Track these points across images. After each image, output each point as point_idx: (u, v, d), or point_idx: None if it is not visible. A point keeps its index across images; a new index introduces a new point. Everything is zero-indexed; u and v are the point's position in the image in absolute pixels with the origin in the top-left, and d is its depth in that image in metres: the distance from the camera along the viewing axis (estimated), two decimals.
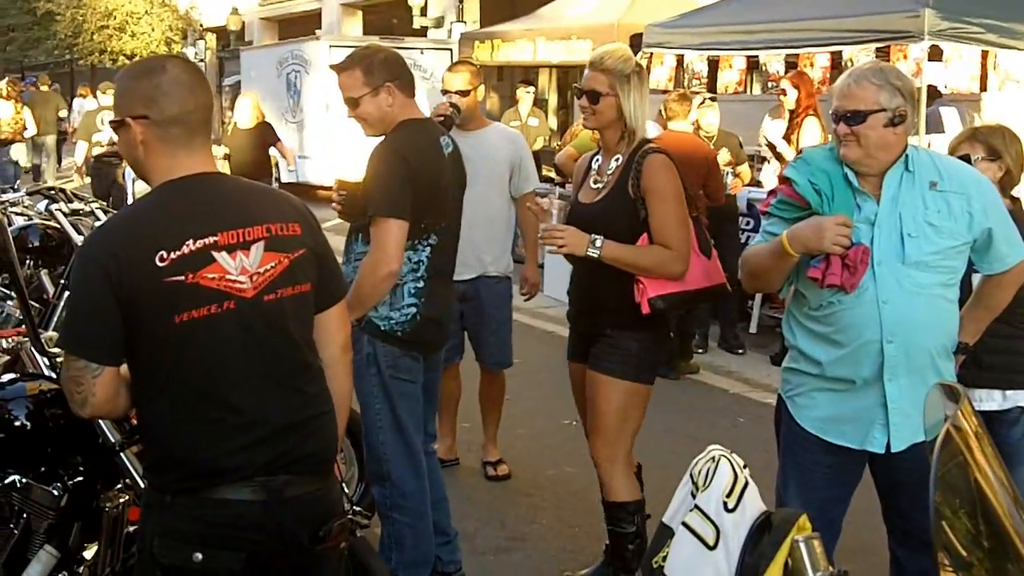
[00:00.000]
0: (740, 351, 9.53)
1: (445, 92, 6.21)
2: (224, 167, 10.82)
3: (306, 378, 2.97)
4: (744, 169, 10.05)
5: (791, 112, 9.84)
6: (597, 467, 4.76)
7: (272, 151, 12.38)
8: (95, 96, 19.60)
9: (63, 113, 23.39)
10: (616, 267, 4.48)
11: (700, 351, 9.45)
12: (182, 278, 2.74)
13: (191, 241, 2.76)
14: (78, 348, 2.81)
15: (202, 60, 29.70)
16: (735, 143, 10.03)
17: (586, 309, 4.80)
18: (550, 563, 5.45)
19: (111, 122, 2.97)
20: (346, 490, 3.21)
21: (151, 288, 2.72)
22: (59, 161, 27.13)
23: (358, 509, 3.21)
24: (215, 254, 2.78)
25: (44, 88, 23.98)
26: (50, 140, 21.02)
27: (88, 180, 14.13)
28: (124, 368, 2.87)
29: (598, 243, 4.46)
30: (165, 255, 2.73)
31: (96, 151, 13.85)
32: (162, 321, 2.75)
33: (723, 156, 9.50)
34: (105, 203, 13.42)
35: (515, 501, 6.29)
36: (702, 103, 9.91)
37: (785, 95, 9.84)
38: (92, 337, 2.79)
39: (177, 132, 2.85)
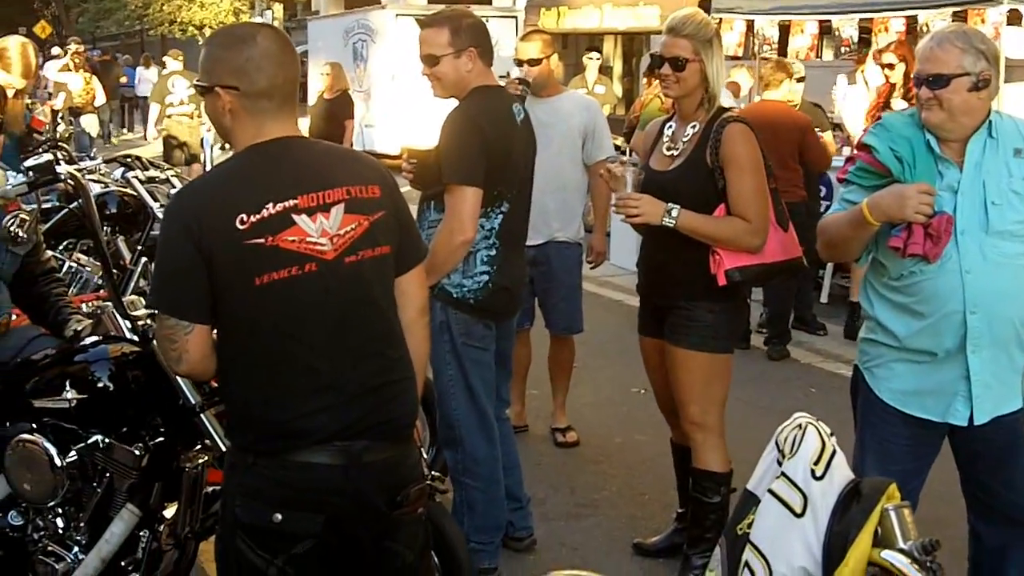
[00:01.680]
0: (822, 332, 9.21)
1: (518, 62, 6.20)
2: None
3: (387, 342, 2.98)
4: (828, 137, 9.51)
5: (891, 87, 9.40)
6: (689, 435, 4.74)
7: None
8: (158, 66, 20.09)
9: (123, 80, 23.74)
10: (691, 237, 4.45)
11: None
12: (262, 240, 2.76)
13: (271, 204, 2.78)
14: (167, 307, 2.86)
15: None
16: (820, 114, 9.65)
17: (658, 281, 4.75)
18: (620, 530, 5.45)
19: (197, 86, 2.99)
20: (424, 456, 3.22)
21: (232, 251, 2.76)
22: (122, 126, 27.52)
23: (436, 475, 3.23)
24: (295, 217, 2.80)
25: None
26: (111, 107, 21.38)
27: (160, 139, 15.23)
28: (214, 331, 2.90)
29: (674, 212, 4.41)
30: (245, 218, 2.76)
31: (169, 111, 14.84)
32: (243, 283, 2.78)
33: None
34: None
35: (584, 468, 6.29)
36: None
37: (892, 69, 9.37)
38: (180, 296, 2.83)
39: (265, 104, 2.88)
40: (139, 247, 6.95)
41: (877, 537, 2.07)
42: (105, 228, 7.07)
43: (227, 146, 3.03)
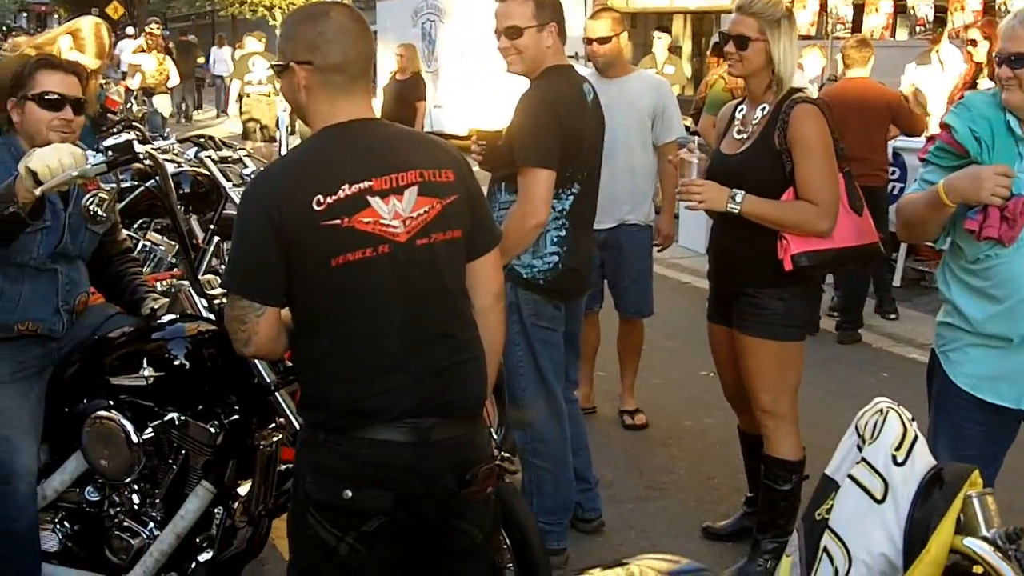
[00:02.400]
0: (893, 316, 9.09)
1: (587, 40, 6.17)
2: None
3: (456, 323, 3.00)
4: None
5: (977, 66, 9.21)
6: (760, 422, 4.71)
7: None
8: (231, 46, 20.48)
9: (200, 61, 23.99)
10: (757, 223, 4.40)
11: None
12: (338, 222, 2.79)
13: (347, 186, 2.81)
14: (241, 288, 2.89)
15: None
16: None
17: (725, 267, 4.71)
18: (689, 513, 5.44)
19: (274, 66, 3.01)
20: (494, 436, 3.23)
21: (308, 232, 2.78)
22: (199, 106, 27.84)
23: (506, 455, 3.23)
24: (369, 198, 2.83)
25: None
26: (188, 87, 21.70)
27: (240, 115, 15.86)
28: (285, 309, 2.93)
29: (738, 198, 4.37)
30: (322, 199, 2.78)
31: (248, 89, 15.39)
32: (318, 264, 2.80)
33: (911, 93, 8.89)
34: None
35: (653, 451, 6.29)
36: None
37: (975, 46, 9.20)
38: (254, 278, 2.86)
39: (339, 79, 2.90)
40: (211, 226, 7.01)
41: (959, 524, 2.04)
42: (179, 207, 7.13)
43: (298, 128, 3.06)
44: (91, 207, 3.80)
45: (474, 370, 3.03)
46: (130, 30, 30.29)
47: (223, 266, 6.68)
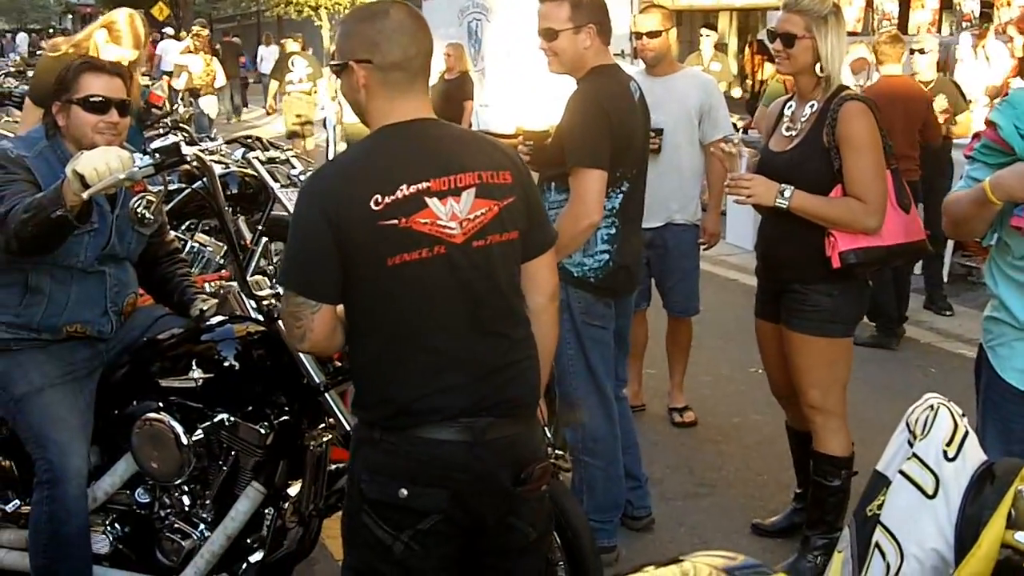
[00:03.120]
0: (948, 313, 9.00)
1: (637, 35, 6.14)
2: None
3: (511, 323, 2.99)
4: (964, 118, 9.06)
5: (1021, 61, 9.11)
6: (809, 418, 4.68)
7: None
8: (278, 44, 20.94)
9: (242, 61, 24.33)
10: (806, 219, 4.37)
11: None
12: (395, 222, 2.79)
13: (405, 186, 2.81)
14: (297, 285, 2.89)
15: None
16: (953, 89, 9.20)
17: (773, 263, 4.69)
18: (739, 510, 5.41)
19: (333, 65, 3.02)
20: (548, 434, 3.22)
21: (366, 231, 2.79)
22: (244, 105, 28.07)
23: (560, 453, 3.22)
24: (427, 199, 2.83)
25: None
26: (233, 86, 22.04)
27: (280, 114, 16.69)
28: (340, 307, 2.94)
29: (787, 193, 4.35)
30: (380, 199, 2.78)
31: (288, 88, 16.21)
32: (375, 263, 2.81)
33: (939, 103, 8.67)
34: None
35: (702, 448, 6.26)
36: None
37: (1012, 43, 9.11)
38: (310, 275, 2.87)
39: (398, 77, 2.90)
40: (259, 227, 7.05)
41: (1011, 519, 2.01)
42: (227, 209, 7.18)
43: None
44: (138, 209, 3.82)
45: (528, 369, 3.03)
46: (169, 30, 30.51)
47: (270, 267, 6.72)
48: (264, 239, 6.96)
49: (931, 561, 2.12)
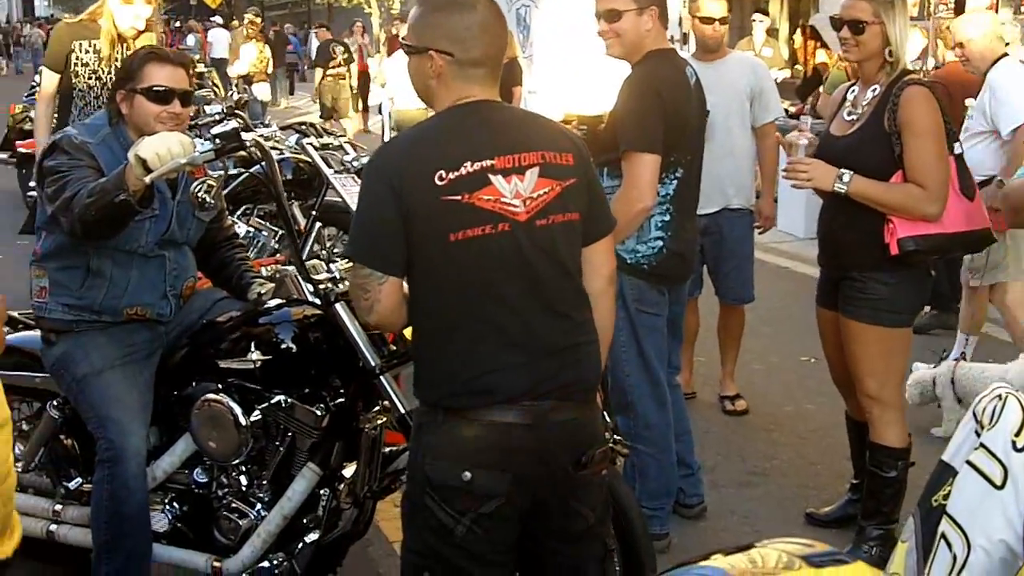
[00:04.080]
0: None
1: (704, 19, 6.10)
2: None
3: (573, 304, 3.00)
4: None
5: None
6: (865, 408, 4.65)
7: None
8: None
9: (288, 48, 24.74)
10: (865, 205, 4.33)
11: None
12: (459, 198, 2.81)
13: (469, 163, 2.83)
14: (364, 257, 2.92)
15: None
16: None
17: (831, 250, 4.66)
18: (792, 499, 5.39)
19: (407, 46, 3.02)
20: (607, 419, 3.23)
21: (429, 206, 2.81)
22: (291, 93, 28.32)
23: (618, 438, 3.23)
24: (491, 177, 2.84)
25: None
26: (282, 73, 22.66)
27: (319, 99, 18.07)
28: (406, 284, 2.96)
29: (845, 177, 4.32)
30: (444, 174, 2.81)
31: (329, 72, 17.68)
32: (438, 239, 2.83)
33: None
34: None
35: (754, 436, 6.24)
36: None
37: None
38: (376, 247, 2.90)
39: (474, 72, 2.93)
40: (313, 212, 7.08)
41: None
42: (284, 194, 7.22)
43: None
44: (199, 194, 3.86)
45: (590, 352, 3.03)
46: (216, 18, 30.70)
47: (323, 251, 6.75)
48: (317, 224, 6.99)
49: (999, 552, 2.10)
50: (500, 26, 2.98)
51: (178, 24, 38.85)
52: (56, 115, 6.68)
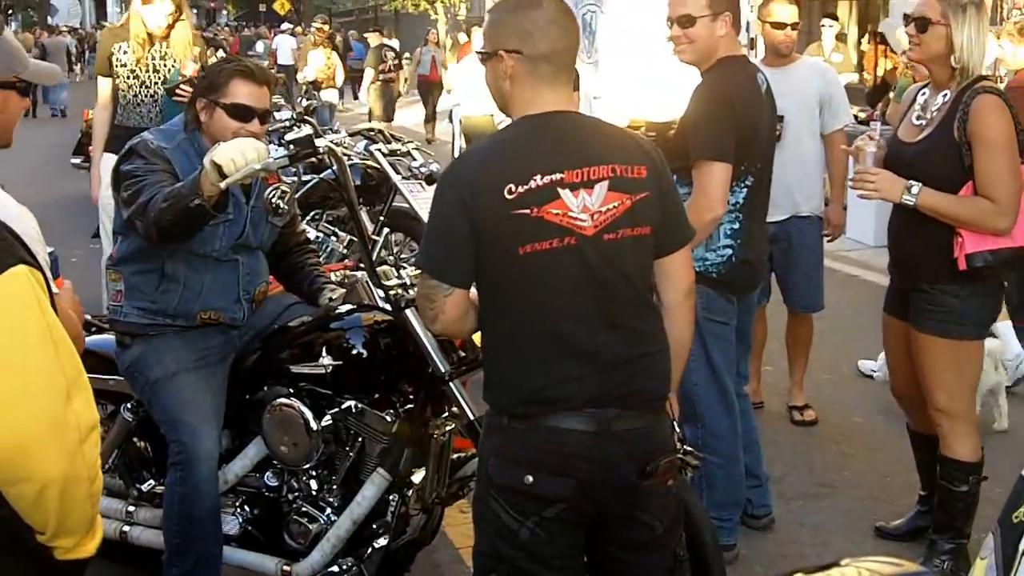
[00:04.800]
0: None
1: (775, 24, 6.06)
2: None
3: (640, 315, 3.00)
4: None
5: None
6: (935, 421, 4.58)
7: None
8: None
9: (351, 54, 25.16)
10: (933, 217, 4.27)
11: None
12: (527, 211, 2.82)
13: (538, 176, 2.83)
14: (432, 268, 2.94)
15: None
16: None
17: (900, 261, 4.59)
18: (862, 511, 5.33)
19: (480, 52, 3.04)
20: (677, 429, 3.21)
21: (498, 219, 2.82)
22: (355, 97, 28.68)
23: (689, 449, 3.21)
24: (560, 190, 2.85)
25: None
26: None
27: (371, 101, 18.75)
28: (474, 291, 2.98)
29: (914, 189, 4.25)
30: (513, 188, 2.82)
31: (381, 76, 18.32)
32: (506, 251, 2.84)
33: None
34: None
35: (823, 447, 6.18)
36: None
37: None
38: (445, 259, 2.92)
39: (545, 69, 2.93)
40: (381, 218, 7.14)
41: None
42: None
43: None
44: (273, 200, 3.89)
45: (658, 363, 3.03)
46: (285, 25, 31.01)
47: (391, 257, 6.79)
48: (386, 230, 7.04)
49: None
50: (568, 21, 2.97)
51: (247, 31, 39.27)
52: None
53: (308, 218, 7.24)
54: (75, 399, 1.98)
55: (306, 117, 8.81)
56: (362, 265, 4.64)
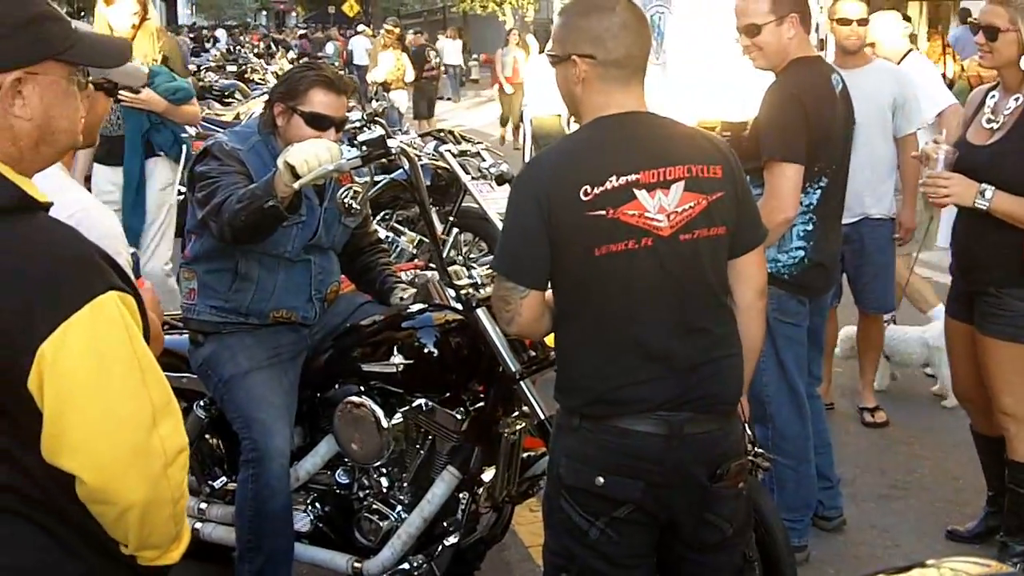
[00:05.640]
0: None
1: (842, 21, 6.01)
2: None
3: (715, 318, 2.99)
4: None
5: None
6: (1001, 425, 4.54)
7: None
8: (460, 38, 22.06)
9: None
10: (1004, 220, 4.21)
11: None
12: (603, 213, 2.82)
13: (615, 177, 2.83)
14: (507, 270, 2.95)
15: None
16: None
17: (967, 264, 4.54)
18: (934, 514, 5.29)
19: (551, 55, 3.03)
20: (748, 431, 3.21)
21: (574, 221, 2.82)
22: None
23: (760, 451, 3.20)
24: (636, 191, 2.84)
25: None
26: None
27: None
28: (549, 293, 2.98)
29: (987, 194, 4.20)
30: (589, 189, 2.81)
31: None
32: (582, 253, 2.84)
33: None
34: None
35: (894, 449, 6.13)
36: None
37: None
38: (520, 261, 2.92)
39: (618, 73, 2.92)
40: (451, 218, 7.18)
41: None
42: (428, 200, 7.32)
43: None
44: (346, 200, 3.92)
45: (731, 366, 3.02)
46: (361, 28, 31.22)
47: (459, 257, 6.83)
48: (455, 230, 7.07)
49: None
50: (640, 25, 2.95)
51: (318, 33, 39.60)
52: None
53: (378, 218, 7.30)
54: (162, 425, 2.00)
55: (376, 118, 8.90)
56: (432, 265, 4.67)
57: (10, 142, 2.01)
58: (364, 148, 3.80)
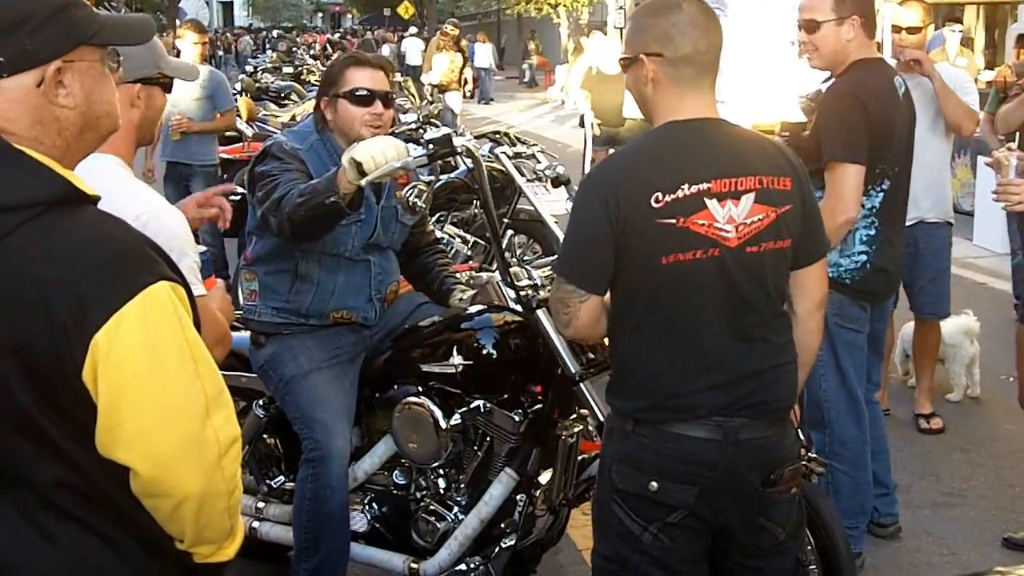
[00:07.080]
0: None
1: (895, 28, 5.97)
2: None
3: (774, 327, 2.98)
4: None
5: None
6: None
7: None
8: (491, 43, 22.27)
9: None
10: None
11: None
12: (673, 221, 2.80)
13: (686, 185, 2.81)
14: (569, 273, 2.94)
15: (621, 8, 30.00)
16: None
17: None
18: (990, 522, 5.24)
19: (622, 58, 3.02)
20: (801, 436, 3.19)
21: (643, 228, 2.81)
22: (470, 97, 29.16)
23: (813, 456, 3.19)
24: (707, 200, 2.82)
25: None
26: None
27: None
28: (607, 297, 2.97)
29: None
30: (660, 197, 2.80)
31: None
32: (649, 260, 2.83)
33: None
34: None
35: (950, 456, 6.08)
36: None
37: None
38: (584, 266, 2.91)
39: (688, 72, 2.90)
40: (505, 220, 7.18)
41: None
42: (475, 201, 7.34)
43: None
44: (411, 199, 3.91)
45: (787, 374, 3.01)
46: (413, 29, 31.35)
47: (514, 259, 6.83)
48: (510, 232, 7.08)
49: None
50: (709, 22, 2.92)
51: (370, 35, 39.78)
52: None
53: (433, 220, 7.32)
54: (215, 415, 1.99)
55: (431, 120, 8.93)
56: (487, 267, 4.68)
57: (56, 133, 2.00)
58: (431, 147, 3.82)
